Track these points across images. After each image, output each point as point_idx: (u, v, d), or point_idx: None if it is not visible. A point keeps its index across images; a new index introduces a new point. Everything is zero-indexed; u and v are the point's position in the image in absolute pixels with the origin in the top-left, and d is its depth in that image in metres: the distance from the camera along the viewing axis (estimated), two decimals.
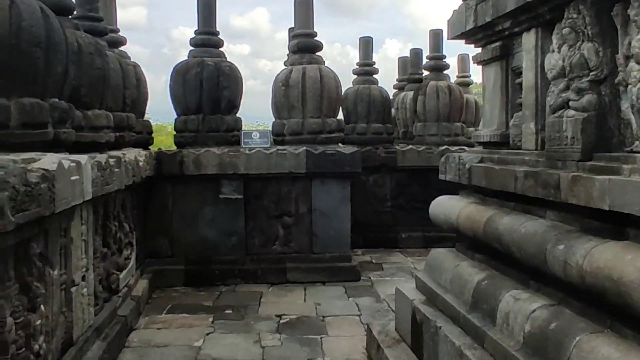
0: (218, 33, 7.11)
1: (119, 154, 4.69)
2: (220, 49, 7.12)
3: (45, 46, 3.39)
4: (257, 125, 28.94)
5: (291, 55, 7.48)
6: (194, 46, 7.03)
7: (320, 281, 6.32)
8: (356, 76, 9.35)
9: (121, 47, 6.95)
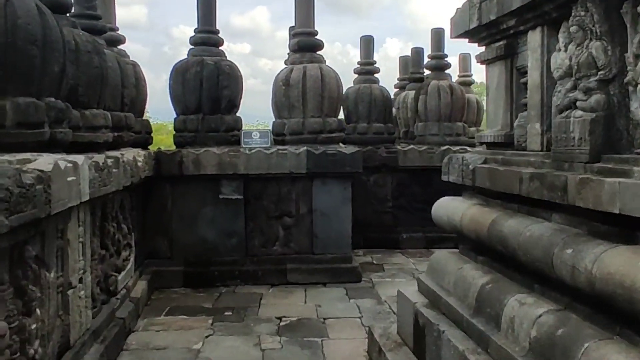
0: (218, 32, 7.05)
1: (117, 154, 4.64)
2: (220, 47, 7.06)
3: (41, 44, 3.34)
4: (258, 124, 28.82)
5: (292, 54, 7.42)
6: (193, 45, 6.96)
7: (321, 282, 6.27)
8: (357, 75, 9.29)
9: (120, 45, 6.90)
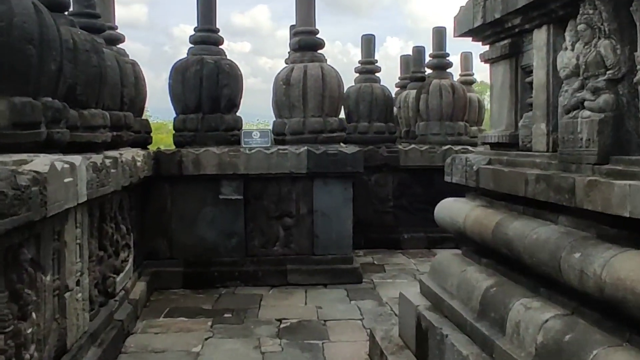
0: (218, 30, 6.99)
1: (115, 154, 4.58)
2: (220, 46, 7.00)
3: (38, 43, 3.28)
4: (258, 123, 28.77)
5: (292, 53, 7.35)
6: (193, 44, 6.91)
7: (321, 283, 6.22)
8: (358, 74, 9.23)
9: (119, 44, 6.83)
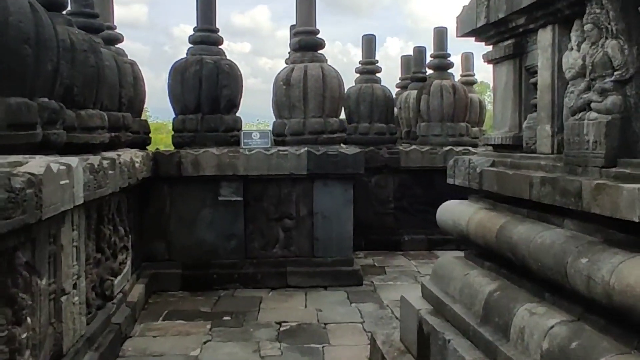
0: (217, 30, 6.93)
1: (113, 155, 4.52)
2: (220, 46, 6.94)
3: (34, 43, 3.23)
4: (258, 123, 28.73)
5: (292, 53, 7.30)
6: (192, 43, 6.85)
7: (321, 286, 6.16)
8: (358, 75, 9.17)
9: (118, 44, 6.78)
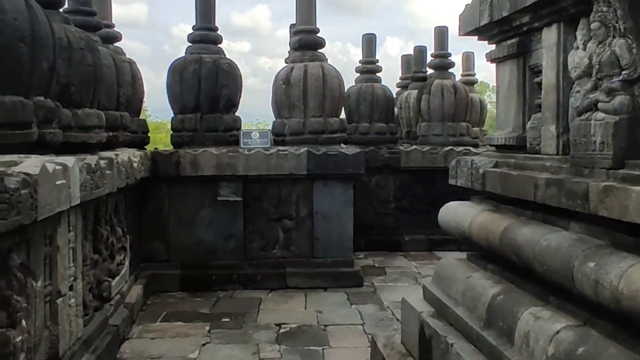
0: (217, 29, 6.88)
1: (111, 154, 4.47)
2: (219, 45, 6.89)
3: (29, 41, 3.18)
4: (257, 123, 28.69)
5: (292, 52, 7.25)
6: (191, 42, 6.79)
7: (321, 287, 6.11)
8: (358, 74, 9.12)
9: (116, 42, 6.72)
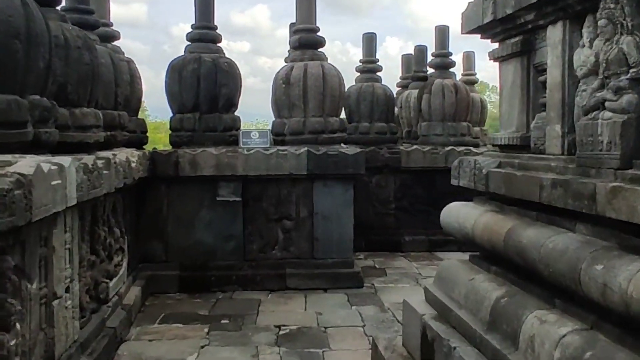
0: (216, 27, 6.82)
1: (108, 154, 4.41)
2: (219, 44, 6.83)
3: (24, 38, 3.12)
4: (257, 123, 28.66)
5: (292, 52, 7.19)
6: (190, 41, 6.74)
7: (321, 288, 6.06)
8: (359, 74, 9.07)
9: (115, 41, 6.66)
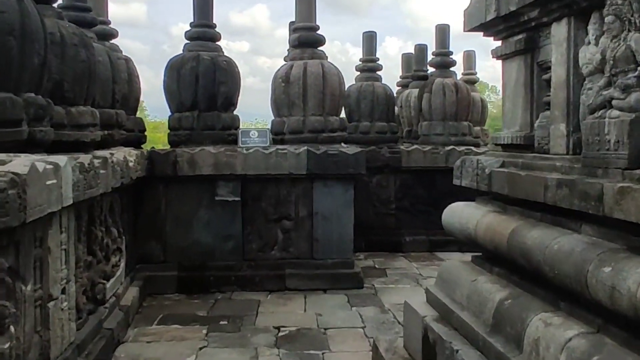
0: (215, 26, 6.76)
1: (105, 153, 4.36)
2: (217, 43, 6.77)
3: (19, 35, 3.07)
4: (256, 122, 28.60)
5: (292, 50, 7.14)
6: (189, 39, 6.68)
7: (321, 288, 6.00)
8: (359, 73, 9.02)
9: (113, 40, 6.59)
